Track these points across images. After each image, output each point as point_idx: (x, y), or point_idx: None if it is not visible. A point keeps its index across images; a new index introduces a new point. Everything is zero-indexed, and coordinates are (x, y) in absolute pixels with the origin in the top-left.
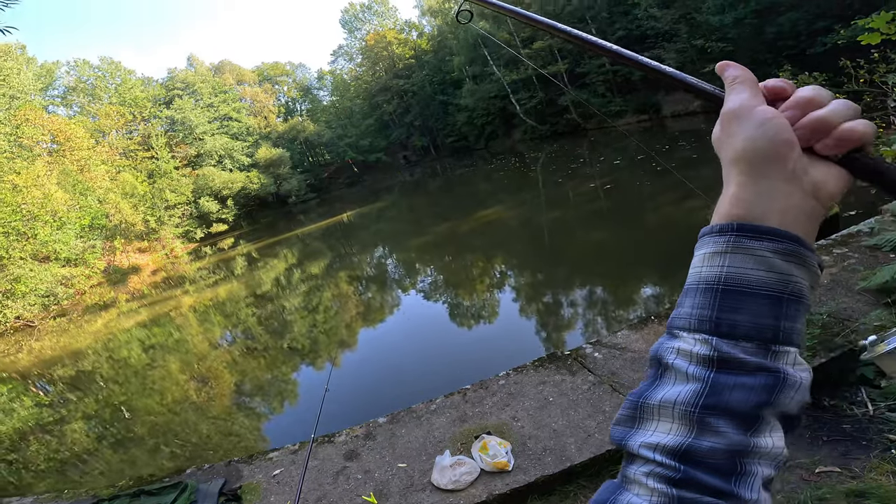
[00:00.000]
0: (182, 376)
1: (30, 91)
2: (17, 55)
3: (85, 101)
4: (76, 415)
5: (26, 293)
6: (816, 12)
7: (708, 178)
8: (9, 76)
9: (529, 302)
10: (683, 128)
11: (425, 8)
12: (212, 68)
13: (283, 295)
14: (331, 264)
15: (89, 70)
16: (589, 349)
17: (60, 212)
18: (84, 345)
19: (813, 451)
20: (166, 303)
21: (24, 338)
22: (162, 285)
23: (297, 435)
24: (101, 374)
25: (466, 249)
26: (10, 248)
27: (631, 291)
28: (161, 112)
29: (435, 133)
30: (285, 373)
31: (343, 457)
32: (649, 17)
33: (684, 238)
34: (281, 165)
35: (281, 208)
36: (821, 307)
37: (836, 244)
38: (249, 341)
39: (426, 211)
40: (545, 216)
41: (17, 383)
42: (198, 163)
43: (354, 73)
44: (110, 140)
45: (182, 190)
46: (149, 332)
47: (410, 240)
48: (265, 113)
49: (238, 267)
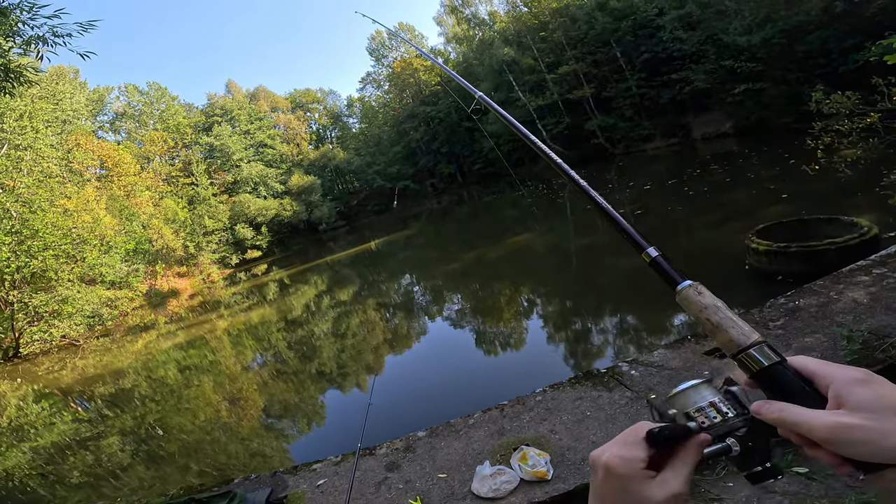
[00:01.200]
0: (217, 396)
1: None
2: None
3: (132, 127)
4: (113, 431)
5: (73, 314)
6: (846, 29)
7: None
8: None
9: (561, 326)
10: (715, 150)
11: (450, 35)
12: (247, 95)
13: (315, 319)
14: (360, 291)
15: (138, 95)
16: (625, 367)
17: (108, 236)
18: (124, 364)
19: None
20: (202, 326)
21: (68, 356)
22: (199, 309)
23: (339, 448)
24: (140, 392)
25: (495, 276)
26: (60, 271)
27: (664, 316)
28: (201, 138)
29: (461, 160)
30: (321, 390)
31: (384, 468)
32: (675, 40)
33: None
34: (312, 193)
35: (312, 235)
36: (861, 324)
37: (876, 264)
38: (281, 364)
39: (454, 238)
40: (574, 242)
41: (57, 399)
42: (234, 189)
43: (382, 100)
44: (154, 166)
45: (219, 216)
46: (185, 354)
47: (439, 267)
48: (297, 140)
49: (271, 292)
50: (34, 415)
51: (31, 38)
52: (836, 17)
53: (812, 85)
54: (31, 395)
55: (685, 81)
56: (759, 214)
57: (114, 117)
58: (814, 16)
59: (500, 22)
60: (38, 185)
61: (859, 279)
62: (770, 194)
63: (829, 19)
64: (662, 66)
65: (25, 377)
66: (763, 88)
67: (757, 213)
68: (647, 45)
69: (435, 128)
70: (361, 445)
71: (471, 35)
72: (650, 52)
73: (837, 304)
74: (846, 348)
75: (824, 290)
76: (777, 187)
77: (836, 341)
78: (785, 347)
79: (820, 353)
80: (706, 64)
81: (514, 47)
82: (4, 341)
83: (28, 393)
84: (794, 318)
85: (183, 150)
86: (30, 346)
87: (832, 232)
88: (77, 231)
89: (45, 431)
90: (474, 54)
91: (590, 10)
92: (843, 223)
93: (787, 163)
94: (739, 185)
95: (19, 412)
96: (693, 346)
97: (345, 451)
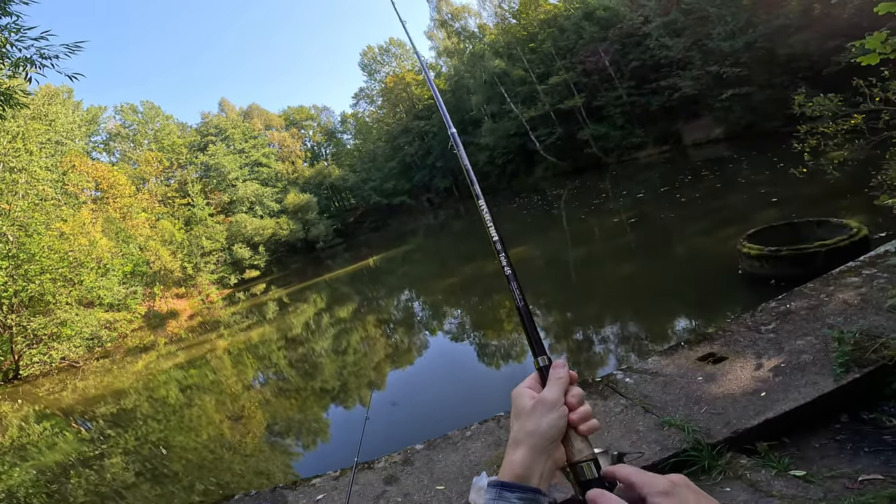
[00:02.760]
0: (219, 414)
1: (75, 136)
2: (63, 99)
3: (127, 148)
4: (116, 450)
5: (72, 336)
6: (825, 32)
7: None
8: (55, 120)
9: (559, 336)
10: (706, 156)
11: (441, 49)
12: (241, 113)
13: (314, 337)
14: (359, 308)
15: (132, 115)
16: (620, 375)
17: (105, 259)
18: (125, 384)
19: (855, 462)
20: (202, 346)
21: (68, 377)
22: (198, 329)
23: (339, 462)
24: (142, 411)
25: (493, 289)
26: (57, 294)
27: (660, 323)
28: (196, 158)
29: (457, 174)
30: (323, 406)
31: (383, 481)
32: (661, 47)
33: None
34: (308, 211)
35: (309, 253)
36: (852, 325)
37: (865, 265)
38: (283, 382)
39: (452, 252)
40: (571, 253)
41: (59, 420)
42: (230, 209)
43: (376, 116)
44: (150, 187)
45: (217, 237)
46: (186, 373)
47: (437, 282)
48: (292, 158)
49: (270, 311)
50: (36, 435)
51: (18, 60)
52: (815, 20)
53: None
54: (33, 416)
55: (673, 88)
56: (751, 219)
57: (107, 137)
58: (793, 19)
59: (490, 34)
60: (34, 208)
61: (849, 280)
62: (761, 198)
63: (809, 22)
64: (651, 74)
65: (26, 398)
66: (750, 93)
67: (749, 217)
68: (634, 53)
69: (429, 142)
70: (359, 459)
71: (461, 48)
72: (638, 60)
73: (828, 306)
74: (837, 350)
75: (815, 292)
76: (767, 191)
77: (827, 343)
78: (777, 351)
79: (812, 356)
80: (693, 70)
81: (505, 59)
82: (4, 364)
83: (29, 413)
84: (785, 321)
85: (178, 171)
86: (30, 368)
87: (822, 234)
88: (74, 254)
89: (49, 451)
90: (465, 67)
91: (577, 19)
92: (832, 225)
93: (777, 167)
94: (731, 191)
95: (21, 432)
96: (686, 352)
97: (344, 465)
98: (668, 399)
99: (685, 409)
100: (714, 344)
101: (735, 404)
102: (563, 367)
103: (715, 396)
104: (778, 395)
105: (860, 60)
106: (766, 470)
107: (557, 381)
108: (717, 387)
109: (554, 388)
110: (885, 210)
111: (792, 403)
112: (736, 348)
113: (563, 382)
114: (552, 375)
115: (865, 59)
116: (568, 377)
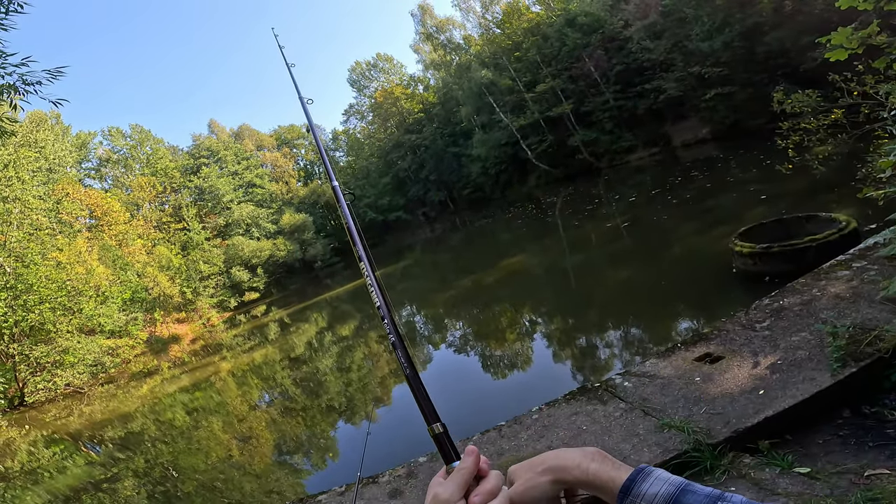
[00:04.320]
0: (226, 435)
1: (67, 163)
2: (51, 125)
3: (119, 173)
4: (126, 473)
5: (75, 363)
6: (799, 28)
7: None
8: (45, 147)
9: (558, 344)
10: (695, 157)
11: (428, 62)
12: (231, 134)
13: (317, 356)
14: (360, 325)
15: (122, 139)
16: (618, 379)
17: (103, 286)
18: (131, 408)
19: (860, 457)
20: (206, 369)
21: (74, 403)
22: (201, 353)
23: (345, 478)
24: (149, 434)
25: (493, 300)
26: (58, 323)
27: (658, 325)
28: (190, 181)
29: (451, 186)
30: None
31: (387, 495)
32: (643, 50)
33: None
34: (305, 231)
35: (308, 273)
36: (845, 319)
37: (855, 258)
38: (288, 401)
39: (450, 266)
40: (568, 260)
41: (68, 444)
42: (227, 232)
43: (367, 132)
44: (144, 213)
45: (214, 260)
46: (191, 396)
47: (437, 295)
48: (286, 178)
49: (271, 332)
50: (46, 459)
51: (2, 87)
52: (787, 17)
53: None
54: (41, 441)
55: (658, 90)
56: (742, 217)
57: (98, 163)
58: (766, 17)
59: (475, 45)
60: (29, 238)
61: (840, 274)
62: (750, 196)
63: (782, 19)
64: (635, 77)
65: (33, 424)
66: (732, 92)
67: (740, 216)
68: (618, 58)
69: (422, 156)
70: (362, 474)
71: (448, 60)
72: (622, 64)
73: (821, 301)
74: (832, 344)
75: (807, 287)
76: (757, 189)
77: (822, 338)
78: (773, 348)
79: (808, 352)
80: (675, 72)
81: (492, 69)
82: (9, 391)
83: (38, 438)
84: (779, 318)
85: (172, 195)
86: (35, 395)
87: (812, 229)
88: (72, 283)
89: (59, 475)
90: (453, 79)
91: (560, 27)
92: (821, 219)
93: (764, 164)
94: (721, 190)
95: (31, 457)
96: (683, 353)
97: (349, 481)
98: (668, 401)
99: (685, 411)
100: (710, 344)
101: (734, 403)
102: (470, 456)
103: (714, 396)
104: (776, 393)
105: (828, 56)
106: (770, 468)
107: (457, 475)
108: (716, 387)
109: (450, 485)
110: (874, 202)
111: (791, 400)
112: (732, 347)
113: (464, 476)
114: (457, 467)
115: (833, 54)
116: (472, 469)
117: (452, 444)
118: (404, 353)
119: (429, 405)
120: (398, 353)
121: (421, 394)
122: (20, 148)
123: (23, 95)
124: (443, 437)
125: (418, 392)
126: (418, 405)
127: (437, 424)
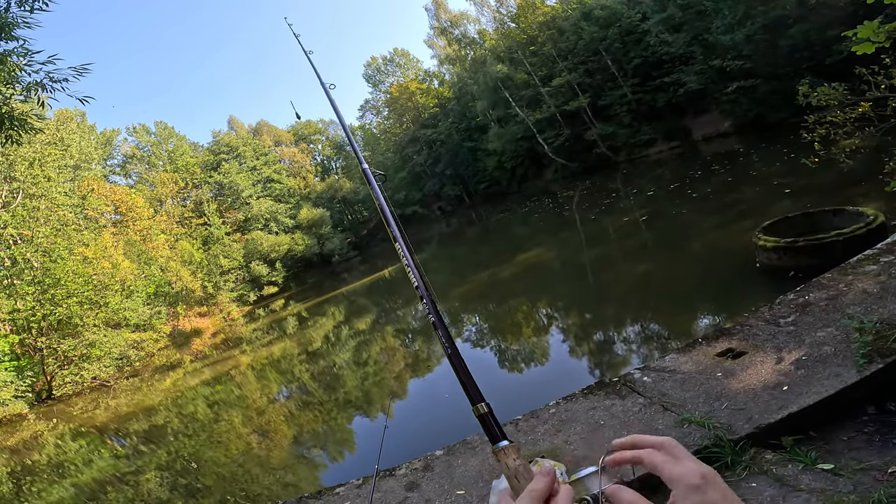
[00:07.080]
0: (245, 428)
1: (92, 160)
2: (77, 122)
3: (142, 169)
4: (150, 465)
5: (101, 356)
6: (824, 21)
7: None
8: (71, 144)
9: (575, 338)
10: (716, 150)
11: (443, 57)
12: (250, 130)
13: (334, 350)
14: (377, 319)
15: (146, 136)
16: (637, 374)
17: (128, 280)
18: (155, 401)
19: (884, 454)
20: (226, 362)
21: (100, 396)
22: (221, 346)
23: (363, 470)
24: (172, 427)
25: (510, 294)
26: (84, 317)
27: (679, 320)
28: (210, 177)
29: (467, 181)
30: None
31: (404, 488)
32: (662, 43)
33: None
34: (322, 225)
35: (325, 268)
36: (872, 315)
37: (883, 252)
38: (306, 395)
39: (467, 260)
40: (586, 254)
41: (94, 437)
42: (246, 227)
43: (383, 127)
44: (167, 208)
45: (234, 255)
46: (212, 390)
47: (454, 289)
48: (303, 173)
49: (290, 326)
50: (73, 452)
51: (29, 85)
52: (811, 10)
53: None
54: (69, 434)
55: (678, 84)
56: (766, 211)
57: (123, 160)
58: (790, 10)
59: (490, 39)
60: (56, 233)
61: (867, 269)
62: (774, 190)
63: (806, 12)
64: (654, 71)
65: (61, 417)
66: (755, 85)
67: (763, 209)
68: (635, 51)
69: (437, 150)
70: (379, 467)
71: (462, 55)
72: (640, 58)
73: (847, 296)
74: (858, 340)
75: (833, 282)
76: (780, 182)
77: (848, 334)
78: (798, 344)
79: (834, 348)
80: (695, 65)
81: (507, 63)
82: (37, 384)
83: (65, 431)
84: (804, 313)
85: (193, 190)
86: (62, 388)
87: (839, 223)
88: (98, 278)
89: (86, 467)
90: (468, 74)
91: (575, 20)
92: (849, 213)
93: (788, 157)
94: (743, 184)
95: (58, 450)
96: (704, 348)
97: (367, 473)
98: (687, 396)
99: (705, 406)
100: (732, 339)
101: (757, 399)
102: (545, 477)
103: (735, 392)
104: (800, 389)
105: (854, 49)
106: (793, 464)
107: (527, 496)
108: (738, 382)
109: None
110: None
111: (815, 396)
112: (755, 342)
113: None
114: (528, 487)
115: (860, 47)
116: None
117: (498, 424)
118: (444, 333)
119: (472, 385)
120: (438, 333)
121: (465, 373)
122: (46, 146)
123: (50, 93)
124: (488, 417)
125: (462, 371)
126: (461, 385)
127: (482, 404)
